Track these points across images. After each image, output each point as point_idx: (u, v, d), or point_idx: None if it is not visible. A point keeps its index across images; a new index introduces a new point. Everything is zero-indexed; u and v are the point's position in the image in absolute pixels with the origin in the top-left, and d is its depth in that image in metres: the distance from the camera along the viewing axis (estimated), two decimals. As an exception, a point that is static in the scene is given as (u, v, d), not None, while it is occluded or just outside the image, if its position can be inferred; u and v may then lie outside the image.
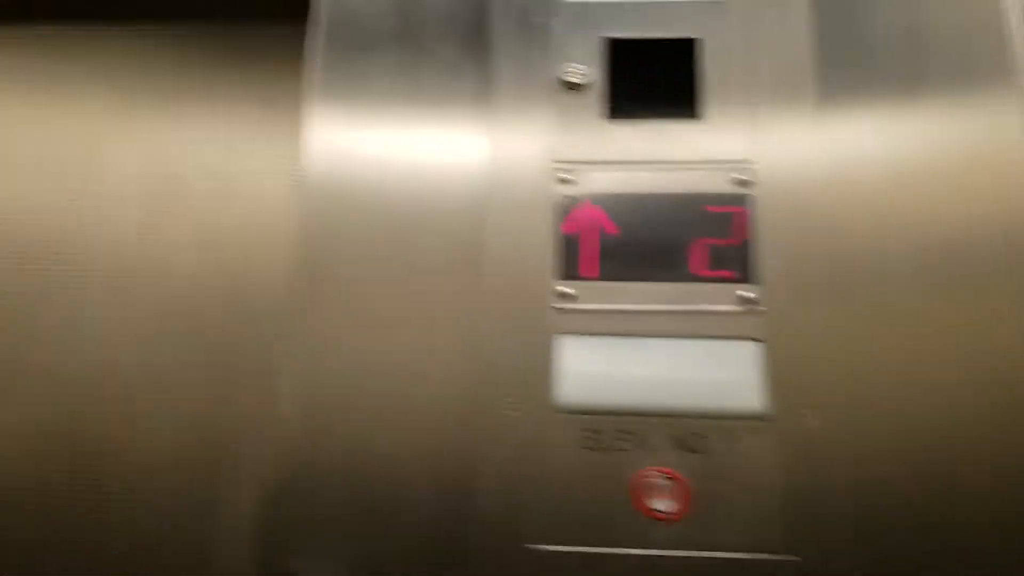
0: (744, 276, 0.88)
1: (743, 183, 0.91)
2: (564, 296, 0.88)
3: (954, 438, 0.81)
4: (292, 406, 0.87)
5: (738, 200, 0.91)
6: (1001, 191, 0.89)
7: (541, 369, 0.86)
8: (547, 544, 0.80)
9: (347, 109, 0.99)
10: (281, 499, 0.84)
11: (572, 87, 0.97)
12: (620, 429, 0.83)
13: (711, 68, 0.97)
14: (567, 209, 0.92)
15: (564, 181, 0.93)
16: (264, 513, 0.84)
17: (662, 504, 0.80)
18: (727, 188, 0.92)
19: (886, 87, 0.95)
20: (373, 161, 0.96)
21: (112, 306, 1.09)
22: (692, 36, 0.98)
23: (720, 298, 0.87)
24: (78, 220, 1.13)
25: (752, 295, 0.87)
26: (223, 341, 1.05)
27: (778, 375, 0.84)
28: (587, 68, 0.97)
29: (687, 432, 0.83)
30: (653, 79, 0.98)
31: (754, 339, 0.86)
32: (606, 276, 0.89)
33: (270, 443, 0.87)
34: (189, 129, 1.15)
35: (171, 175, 1.13)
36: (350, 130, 0.98)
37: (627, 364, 0.86)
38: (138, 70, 1.18)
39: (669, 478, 0.81)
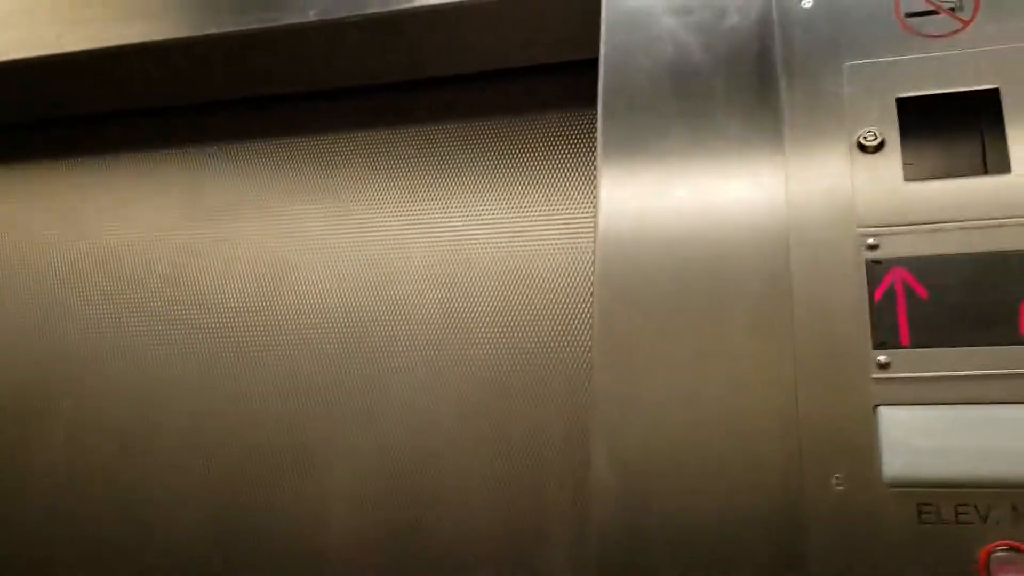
0: (1079, 336, 0.84)
1: (1066, 237, 0.88)
2: (882, 366, 0.88)
3: None
4: (607, 478, 0.91)
5: (1062, 256, 0.87)
6: None
7: (865, 441, 0.86)
8: (889, 624, 0.80)
9: (639, 165, 1.03)
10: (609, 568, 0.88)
11: (868, 150, 0.97)
12: (958, 503, 0.82)
13: (1018, 116, 0.94)
14: (875, 276, 0.91)
15: (870, 248, 0.93)
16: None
17: (1012, 580, 0.78)
18: (1047, 243, 0.88)
19: None
20: (669, 220, 0.99)
21: (413, 379, 1.18)
22: (993, 85, 0.95)
23: (1053, 360, 0.84)
24: (382, 310, 1.24)
25: (1090, 356, 0.83)
26: (522, 413, 1.11)
27: None
28: (881, 129, 0.97)
29: (1032, 504, 0.80)
30: (953, 135, 0.96)
31: (1097, 403, 0.82)
32: (923, 343, 0.88)
33: (594, 512, 0.91)
34: (481, 214, 1.23)
35: (466, 261, 1.22)
36: (644, 194, 1.01)
37: (958, 433, 0.84)
38: (429, 164, 1.29)
39: (1017, 552, 0.78)
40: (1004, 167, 0.93)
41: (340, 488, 1.18)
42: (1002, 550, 0.79)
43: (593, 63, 1.08)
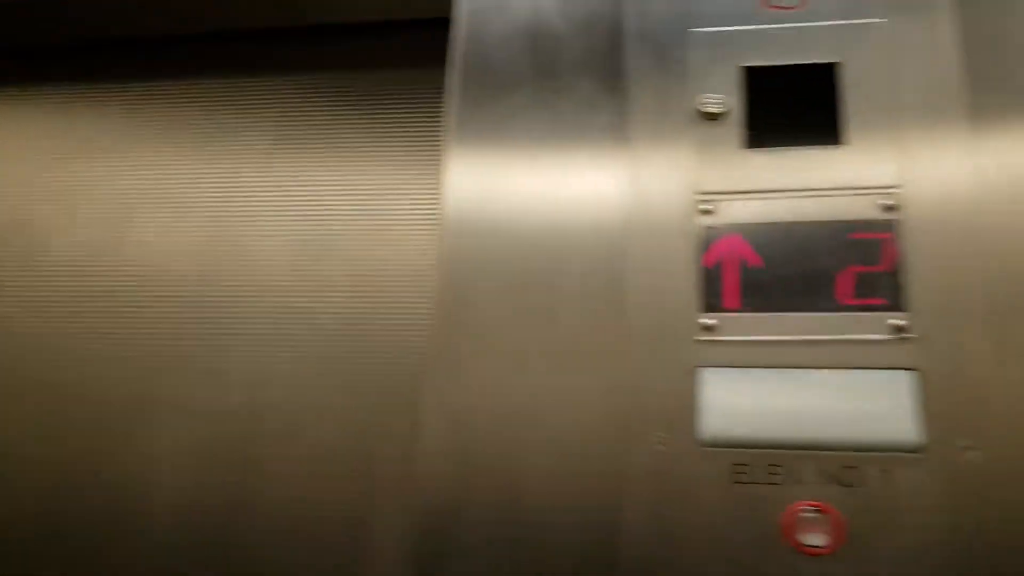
0: (894, 304, 0.86)
1: (891, 208, 0.90)
2: (707, 328, 0.88)
3: None
4: (437, 441, 0.90)
5: (886, 226, 0.89)
6: None
7: (686, 402, 0.86)
8: (698, 578, 0.80)
9: (486, 148, 1.02)
10: (427, 531, 0.87)
11: (710, 117, 0.97)
12: (770, 463, 0.83)
13: (854, 92, 0.95)
14: (709, 240, 0.92)
15: (705, 212, 0.93)
16: (411, 544, 0.87)
17: (814, 539, 0.79)
18: (874, 214, 0.90)
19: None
20: (513, 199, 0.99)
21: (264, 343, 1.15)
22: (833, 59, 0.97)
23: (869, 327, 0.86)
24: (234, 261, 1.20)
25: (903, 323, 0.85)
26: (370, 378, 1.09)
27: (933, 405, 0.82)
28: (725, 97, 0.98)
29: (839, 465, 0.82)
30: (793, 106, 0.97)
31: (906, 368, 0.84)
32: (750, 307, 0.89)
33: (416, 477, 0.90)
34: (337, 173, 1.21)
35: (322, 217, 1.19)
36: (489, 169, 1.01)
37: (775, 396, 0.85)
38: (290, 118, 1.25)
39: (821, 512, 0.80)
40: (838, 139, 0.94)
41: (173, 442, 1.14)
42: (807, 510, 0.80)
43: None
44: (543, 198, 0.98)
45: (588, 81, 1.02)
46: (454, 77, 1.05)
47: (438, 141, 1.14)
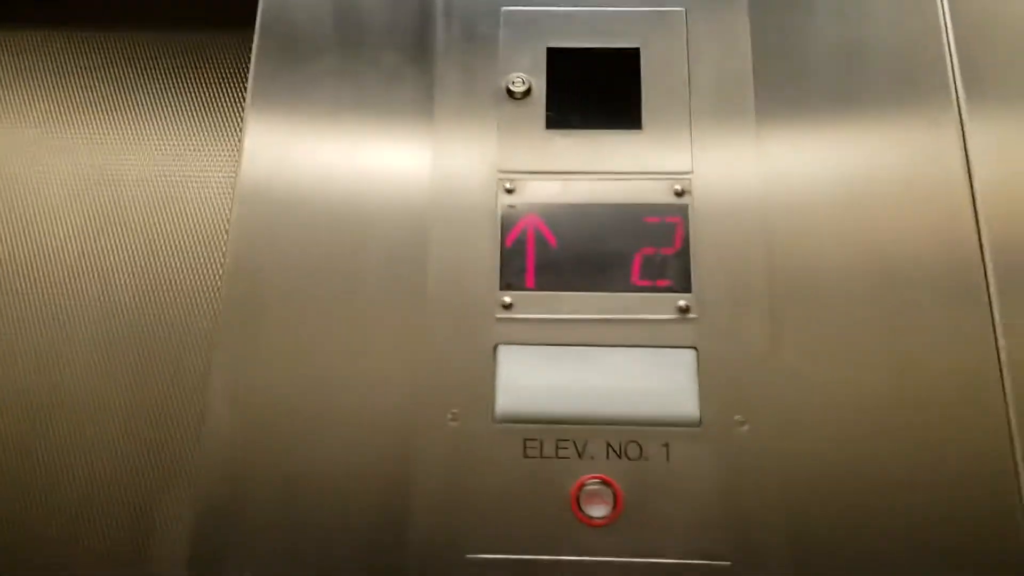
0: (681, 285, 0.90)
1: (682, 194, 0.93)
2: (507, 306, 0.90)
3: (879, 447, 0.84)
4: (224, 419, 0.87)
5: (677, 211, 0.93)
6: (937, 212, 0.92)
7: (484, 379, 0.87)
8: (486, 553, 0.81)
9: (286, 114, 0.99)
10: (213, 512, 0.84)
11: (515, 97, 0.98)
12: (559, 438, 0.85)
13: (653, 79, 0.98)
14: (510, 219, 0.93)
15: (507, 191, 0.94)
16: (196, 526, 0.84)
17: (598, 511, 0.82)
18: (667, 199, 0.93)
19: (824, 104, 0.97)
20: (313, 170, 0.96)
21: (51, 317, 1.08)
22: (634, 46, 0.99)
23: (658, 307, 0.89)
24: (15, 228, 1.11)
25: (689, 306, 0.89)
26: (162, 352, 1.04)
27: (710, 382, 0.87)
28: (531, 78, 0.99)
29: (623, 440, 0.85)
30: (595, 89, 0.99)
31: (689, 348, 0.88)
32: (547, 286, 0.90)
33: (201, 456, 0.87)
34: (130, 136, 1.14)
35: (111, 182, 1.12)
36: (289, 136, 0.98)
37: (566, 373, 0.87)
38: (78, 76, 1.17)
39: (606, 485, 0.83)
40: (637, 124, 0.97)
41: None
42: (593, 483, 0.83)
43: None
44: (344, 169, 0.96)
45: (395, 53, 1.01)
46: (256, 40, 1.01)
47: (234, 108, 1.09)
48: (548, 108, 0.98)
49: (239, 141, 1.01)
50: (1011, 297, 0.89)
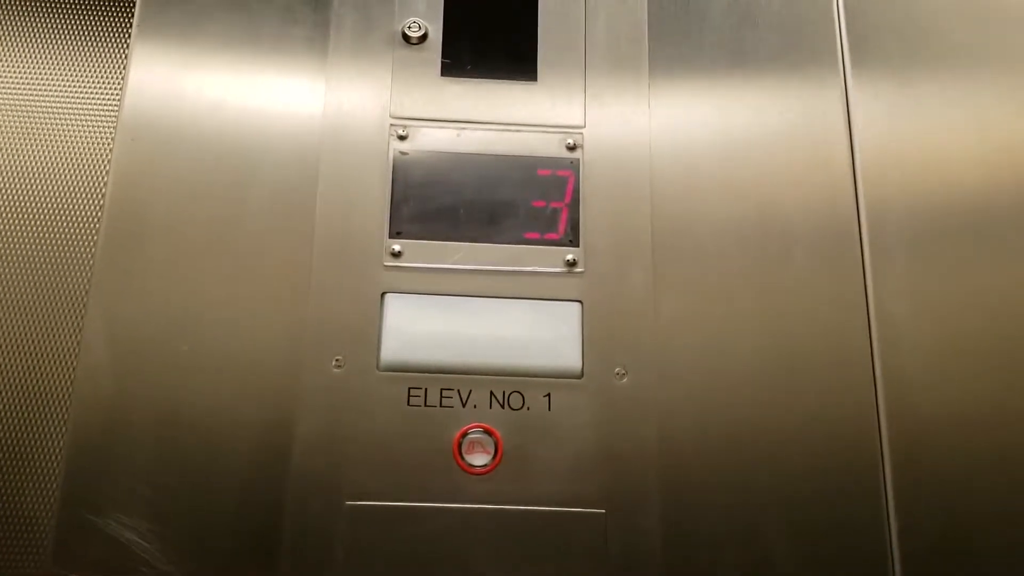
0: (569, 239, 0.91)
1: (574, 148, 0.94)
2: (395, 254, 0.89)
3: (756, 400, 0.87)
4: (100, 355, 0.85)
5: (569, 165, 0.93)
6: (817, 171, 0.96)
7: (370, 327, 0.87)
8: (367, 500, 0.82)
9: (175, 46, 0.96)
10: (86, 450, 0.82)
11: (411, 42, 0.96)
12: (444, 387, 0.86)
13: (550, 31, 0.98)
14: (401, 166, 0.92)
15: (400, 138, 0.93)
16: (68, 463, 0.82)
17: (479, 460, 0.84)
18: (559, 152, 0.94)
19: (714, 62, 0.99)
20: (201, 104, 0.94)
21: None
22: (533, -5, 0.99)
23: (546, 260, 0.90)
24: None
25: (576, 259, 0.90)
26: (29, 282, 1.00)
27: (593, 335, 0.88)
28: (427, 23, 0.97)
29: (507, 390, 0.86)
30: (492, 38, 0.98)
31: (574, 301, 0.89)
32: (436, 236, 0.90)
33: (75, 392, 0.84)
34: (8, 53, 1.07)
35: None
36: (177, 68, 0.95)
37: (453, 323, 0.88)
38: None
39: (487, 434, 0.84)
40: (532, 76, 0.97)
41: None
42: (475, 432, 0.84)
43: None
44: (233, 106, 0.94)
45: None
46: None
47: (121, 29, 1.04)
48: (444, 55, 0.97)
49: (124, 68, 0.96)
50: (883, 256, 0.93)
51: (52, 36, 1.07)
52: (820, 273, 0.92)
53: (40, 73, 1.05)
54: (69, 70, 1.05)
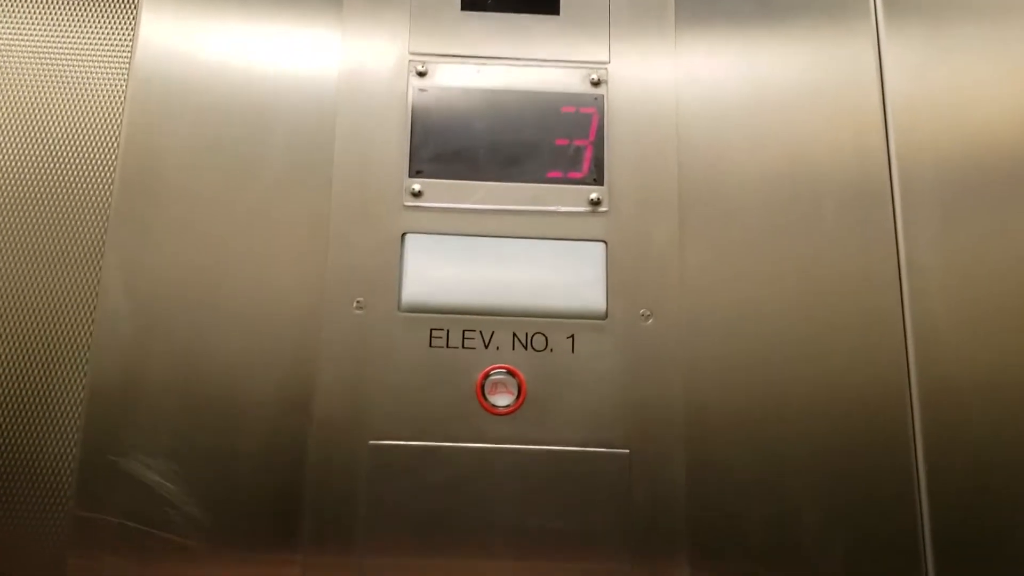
0: (593, 178, 0.89)
1: (598, 84, 0.91)
2: (415, 194, 0.87)
3: (783, 352, 0.86)
4: (116, 301, 0.84)
5: (592, 101, 0.91)
6: (847, 121, 0.93)
7: (391, 268, 0.86)
8: (390, 439, 0.82)
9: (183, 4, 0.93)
10: (106, 393, 0.82)
11: (430, -26, 0.94)
12: (466, 328, 0.85)
13: (572, -38, 0.95)
14: (421, 104, 0.90)
15: (419, 74, 0.91)
16: (89, 409, 0.81)
17: (502, 400, 0.83)
18: (583, 88, 0.91)
19: (743, 11, 0.96)
20: (215, 50, 0.92)
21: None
22: (553, -75, 0.95)
23: (569, 199, 0.88)
24: None
25: (600, 198, 0.88)
26: (45, 231, 0.99)
27: (617, 276, 0.87)
28: (446, -45, 0.94)
29: (530, 331, 0.85)
30: (512, -30, 0.95)
31: (599, 241, 0.87)
32: (457, 175, 0.89)
33: (95, 339, 0.84)
34: (10, 7, 1.05)
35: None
36: (191, 20, 0.92)
37: (474, 264, 0.86)
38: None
39: (510, 375, 0.83)
40: (555, 8, 0.94)
41: None
42: (498, 373, 0.83)
43: None
44: (248, 49, 0.92)
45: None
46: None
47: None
48: (464, -13, 0.94)
49: (135, 15, 0.94)
50: (913, 206, 0.91)
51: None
52: (850, 226, 0.90)
53: (49, 26, 1.02)
54: (79, 22, 1.02)
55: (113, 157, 0.92)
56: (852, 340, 0.86)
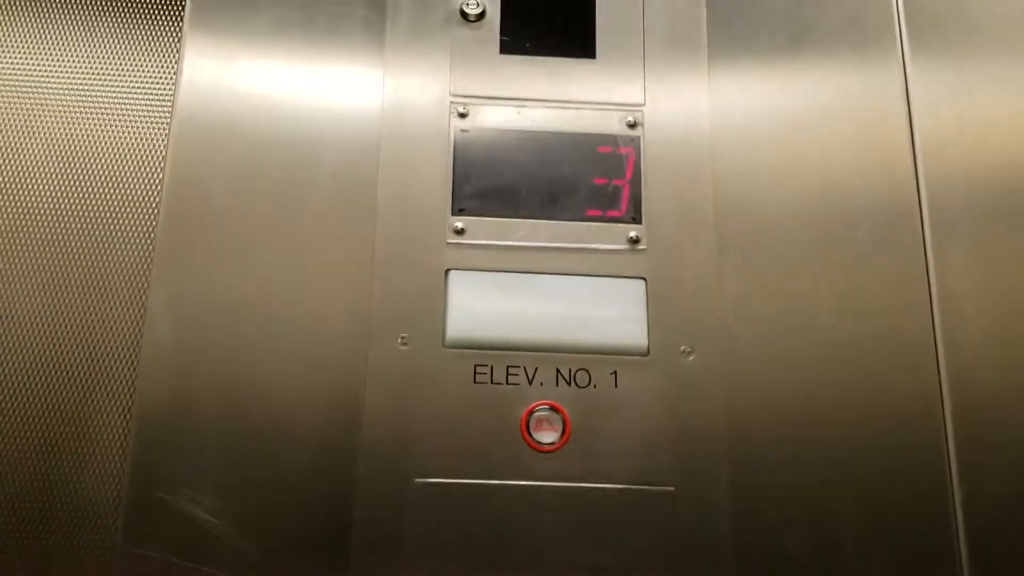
0: (631, 216, 0.90)
1: (635, 125, 0.93)
2: (458, 231, 0.89)
3: (821, 378, 0.87)
4: (165, 333, 0.85)
5: (629, 142, 0.93)
6: (877, 149, 0.95)
7: (434, 304, 0.86)
8: (435, 477, 0.82)
9: (233, 33, 0.95)
10: (152, 428, 0.82)
11: (470, 20, 0.96)
12: (510, 364, 0.85)
13: (607, 10, 0.98)
14: (462, 144, 0.92)
15: (460, 116, 0.92)
16: (136, 442, 0.81)
17: (547, 437, 0.83)
18: (619, 129, 0.93)
19: (773, 42, 0.99)
20: (259, 85, 0.93)
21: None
22: (589, -26, 0.98)
23: (609, 237, 0.90)
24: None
25: (639, 236, 0.90)
26: (85, 263, 0.99)
27: (658, 313, 0.88)
28: (487, 1, 0.97)
29: (574, 367, 0.85)
30: (550, 15, 0.98)
31: (639, 278, 0.88)
32: (499, 213, 0.90)
33: (141, 371, 0.84)
34: (52, 38, 1.07)
35: (31, 86, 1.05)
36: (236, 55, 0.94)
37: (517, 300, 0.87)
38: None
39: (555, 411, 0.84)
40: (591, 53, 0.96)
41: None
42: (542, 409, 0.84)
43: None
44: (292, 87, 0.93)
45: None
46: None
47: (173, 13, 1.03)
48: (502, 32, 0.96)
49: (178, 50, 0.96)
50: (944, 234, 0.92)
51: (103, 24, 1.06)
52: (882, 250, 0.91)
53: (91, 60, 1.04)
54: (121, 56, 1.04)
55: (157, 189, 0.93)
56: (888, 361, 0.88)
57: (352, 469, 0.81)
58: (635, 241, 0.90)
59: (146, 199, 0.95)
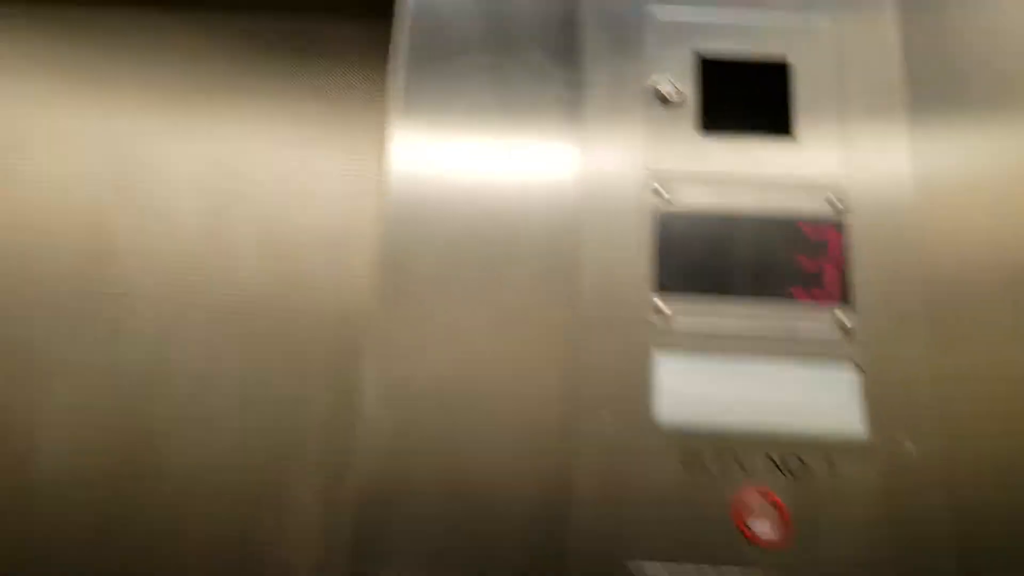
0: (840, 299, 0.88)
1: (838, 204, 0.92)
2: (661, 312, 0.88)
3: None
4: (378, 413, 0.86)
5: (833, 221, 0.91)
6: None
7: (638, 384, 0.85)
8: (646, 560, 0.80)
9: (434, 109, 0.98)
10: (367, 507, 0.83)
11: (664, 100, 0.96)
12: (720, 449, 0.83)
13: (803, 88, 0.97)
14: (663, 222, 0.91)
15: (659, 194, 0.92)
16: (349, 521, 0.82)
17: (761, 526, 0.80)
18: (822, 209, 0.92)
19: (973, 107, 0.96)
20: (460, 169, 0.95)
21: (169, 305, 1.06)
22: (783, 55, 0.98)
23: (816, 320, 0.88)
24: (133, 216, 1.10)
25: (848, 319, 0.87)
26: (288, 344, 1.02)
27: (874, 400, 0.85)
28: (680, 81, 0.97)
29: (786, 455, 0.83)
30: (746, 97, 0.98)
31: (851, 362, 0.86)
32: (703, 293, 0.89)
33: (351, 450, 0.85)
34: (257, 127, 1.12)
35: (235, 174, 1.10)
36: (436, 136, 0.97)
37: (725, 385, 0.85)
38: (203, 62, 1.15)
39: (768, 500, 0.81)
40: (788, 131, 0.95)
41: (66, 405, 1.03)
42: (756, 497, 0.81)
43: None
44: (493, 167, 0.95)
45: (541, 51, 1.00)
46: (400, 31, 0.99)
47: (373, 99, 1.07)
48: (702, 112, 0.96)
49: (381, 134, 0.99)
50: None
51: (305, 102, 1.11)
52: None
53: (294, 139, 1.09)
54: (321, 136, 1.09)
55: (365, 271, 0.95)
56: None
57: (564, 550, 0.80)
58: (844, 324, 0.87)
59: (354, 280, 0.98)
